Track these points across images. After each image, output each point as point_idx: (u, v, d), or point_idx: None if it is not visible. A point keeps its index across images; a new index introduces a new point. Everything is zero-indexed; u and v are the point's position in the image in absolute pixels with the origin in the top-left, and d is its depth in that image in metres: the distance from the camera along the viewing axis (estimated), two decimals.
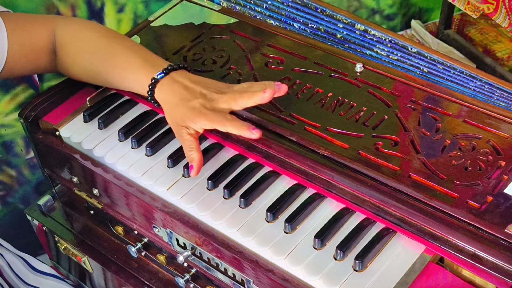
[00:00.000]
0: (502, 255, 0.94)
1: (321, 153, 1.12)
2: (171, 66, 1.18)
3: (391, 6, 2.19)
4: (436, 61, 1.29)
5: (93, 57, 1.24)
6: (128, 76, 1.21)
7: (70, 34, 1.26)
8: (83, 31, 1.27)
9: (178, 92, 1.14)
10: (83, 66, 1.26)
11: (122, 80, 1.23)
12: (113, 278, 1.35)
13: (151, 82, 1.16)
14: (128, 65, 1.21)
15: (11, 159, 1.57)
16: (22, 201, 1.63)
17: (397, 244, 1.02)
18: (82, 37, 1.26)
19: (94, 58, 1.24)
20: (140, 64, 1.20)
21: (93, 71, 1.25)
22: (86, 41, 1.25)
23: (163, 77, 1.16)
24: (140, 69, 1.19)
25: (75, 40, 1.25)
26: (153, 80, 1.16)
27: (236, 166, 1.16)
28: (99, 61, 1.24)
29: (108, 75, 1.24)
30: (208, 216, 1.10)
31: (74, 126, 1.29)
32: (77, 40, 1.26)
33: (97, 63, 1.24)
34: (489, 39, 2.13)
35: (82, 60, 1.25)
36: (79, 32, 1.27)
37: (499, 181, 1.04)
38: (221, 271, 1.12)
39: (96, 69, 1.24)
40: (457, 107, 1.18)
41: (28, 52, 1.23)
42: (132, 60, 1.21)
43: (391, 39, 1.34)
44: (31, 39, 1.23)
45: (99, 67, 1.24)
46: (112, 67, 1.23)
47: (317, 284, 0.99)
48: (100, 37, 1.25)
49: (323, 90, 1.24)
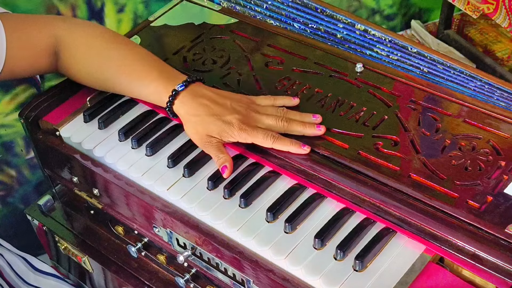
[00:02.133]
0: (502, 255, 0.94)
1: (321, 153, 1.12)
2: (190, 78, 1.18)
3: (391, 6, 2.20)
4: (436, 61, 1.29)
5: (102, 64, 1.23)
6: (143, 86, 1.20)
7: (76, 38, 1.25)
8: (90, 35, 1.25)
9: (204, 104, 1.15)
10: (89, 72, 1.25)
11: (135, 90, 1.22)
12: (113, 278, 1.35)
13: (172, 94, 1.16)
14: (144, 76, 1.20)
15: (11, 159, 1.57)
16: (22, 201, 1.63)
17: (397, 244, 1.02)
18: (90, 42, 1.25)
19: (103, 65, 1.23)
20: (157, 75, 1.19)
21: (100, 78, 1.25)
22: (94, 47, 1.24)
23: (184, 89, 1.17)
24: (157, 80, 1.19)
25: (81, 45, 1.24)
26: (174, 92, 1.16)
27: (236, 166, 1.16)
28: (108, 68, 1.23)
29: (119, 83, 1.23)
30: (208, 216, 1.10)
31: (74, 126, 1.29)
32: (84, 45, 1.25)
33: (106, 70, 1.23)
34: (489, 39, 2.13)
35: (90, 66, 1.24)
36: (86, 37, 1.25)
37: (499, 181, 1.04)
38: (221, 271, 1.12)
39: (104, 76, 1.24)
40: (457, 107, 1.18)
41: (28, 54, 1.22)
42: (148, 70, 1.20)
43: (391, 39, 1.34)
44: (31, 40, 1.22)
45: (108, 74, 1.23)
46: (125, 75, 1.22)
47: (317, 284, 0.99)
48: (109, 43, 1.24)
49: (323, 90, 1.24)
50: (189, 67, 1.33)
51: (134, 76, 1.21)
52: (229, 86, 1.27)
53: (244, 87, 1.27)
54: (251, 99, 1.19)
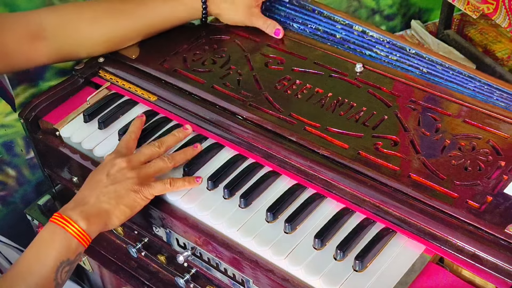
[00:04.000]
0: (502, 255, 0.94)
1: (321, 153, 1.12)
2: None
3: (391, 6, 2.19)
4: (435, 62, 1.29)
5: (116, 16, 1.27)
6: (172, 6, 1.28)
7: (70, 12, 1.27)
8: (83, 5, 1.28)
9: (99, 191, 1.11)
10: (103, 32, 1.28)
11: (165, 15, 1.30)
12: (113, 278, 1.35)
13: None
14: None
15: (11, 159, 1.57)
16: (22, 201, 1.63)
17: (397, 244, 1.02)
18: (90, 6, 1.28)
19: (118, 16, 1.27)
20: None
21: (119, 31, 1.29)
22: (99, 8, 1.28)
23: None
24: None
25: (82, 13, 1.27)
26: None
27: (236, 166, 1.16)
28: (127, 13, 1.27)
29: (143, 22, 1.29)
30: (208, 216, 1.10)
31: (74, 126, 1.29)
32: (85, 12, 1.27)
33: (125, 16, 1.27)
34: (489, 39, 2.13)
35: (103, 25, 1.27)
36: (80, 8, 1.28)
37: (499, 181, 1.04)
38: (221, 271, 1.12)
39: (123, 25, 1.28)
40: (457, 107, 1.18)
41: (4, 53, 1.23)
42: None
43: (389, 41, 1.34)
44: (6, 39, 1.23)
45: (129, 20, 1.28)
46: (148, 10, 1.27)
47: (317, 284, 0.99)
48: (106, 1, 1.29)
49: (323, 90, 1.24)
50: (189, 67, 1.33)
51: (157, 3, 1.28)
52: (229, 86, 1.27)
53: (244, 87, 1.27)
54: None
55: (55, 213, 1.08)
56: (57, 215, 1.07)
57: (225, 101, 1.24)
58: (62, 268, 1.05)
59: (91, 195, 1.09)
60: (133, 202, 1.10)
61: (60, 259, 1.05)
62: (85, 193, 1.10)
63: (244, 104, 1.23)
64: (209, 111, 1.23)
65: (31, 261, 1.04)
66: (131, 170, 1.11)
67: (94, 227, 1.07)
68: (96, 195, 1.09)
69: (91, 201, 1.08)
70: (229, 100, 1.24)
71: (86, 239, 1.07)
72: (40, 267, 1.03)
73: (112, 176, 1.10)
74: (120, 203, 1.09)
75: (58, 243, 1.04)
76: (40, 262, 1.03)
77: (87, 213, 1.06)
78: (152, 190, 1.11)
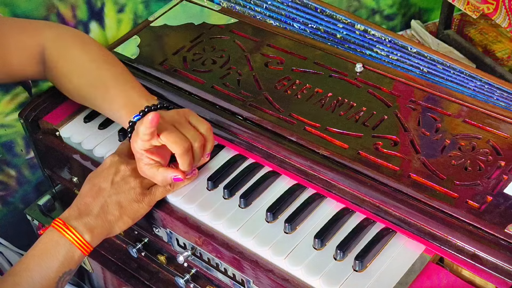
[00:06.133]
0: (502, 255, 0.94)
1: (321, 153, 1.12)
2: (148, 108, 1.10)
3: (391, 6, 2.19)
4: (436, 61, 1.29)
5: (81, 82, 1.19)
6: (113, 112, 1.16)
7: (59, 52, 1.21)
8: (71, 50, 1.21)
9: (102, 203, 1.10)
10: (70, 88, 1.22)
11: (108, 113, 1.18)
12: (113, 278, 1.35)
13: (129, 125, 1.10)
14: (114, 101, 1.15)
15: (11, 159, 1.57)
16: (22, 201, 1.63)
17: (397, 244, 1.02)
18: (71, 57, 1.20)
19: (82, 84, 1.19)
20: (124, 103, 1.13)
21: (79, 95, 1.22)
22: (74, 63, 1.20)
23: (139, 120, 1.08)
24: (124, 108, 1.13)
25: (63, 60, 1.21)
26: (130, 123, 1.10)
27: (236, 166, 1.16)
28: (86, 87, 1.19)
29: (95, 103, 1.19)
30: (208, 216, 1.10)
31: (74, 126, 1.29)
32: (65, 60, 1.21)
33: (84, 88, 1.19)
34: (489, 39, 2.13)
35: (70, 82, 1.21)
36: (67, 51, 1.21)
37: (499, 181, 1.04)
38: (221, 271, 1.12)
39: (82, 94, 1.20)
40: (457, 107, 1.18)
41: (17, 60, 1.21)
42: (118, 95, 1.15)
43: (390, 39, 1.34)
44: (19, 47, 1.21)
45: (85, 93, 1.19)
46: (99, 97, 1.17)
47: (317, 284, 0.99)
48: (90, 61, 1.19)
49: (323, 90, 1.24)
50: (189, 67, 1.33)
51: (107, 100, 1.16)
52: (229, 86, 1.27)
53: (244, 87, 1.27)
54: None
55: (58, 218, 1.08)
56: (60, 223, 1.07)
57: (225, 101, 1.24)
58: (64, 278, 1.07)
59: (94, 204, 1.09)
60: (135, 212, 1.11)
61: (63, 271, 1.06)
62: (88, 200, 1.09)
63: (244, 104, 1.23)
64: (209, 111, 1.23)
65: (33, 273, 1.04)
66: (135, 179, 1.11)
67: (97, 239, 1.09)
68: (100, 205, 1.09)
69: (94, 211, 1.08)
70: (229, 100, 1.24)
71: (89, 250, 1.08)
72: (42, 279, 1.04)
73: (116, 184, 1.10)
74: (123, 214, 1.10)
75: (62, 255, 1.05)
76: (42, 273, 1.04)
77: (91, 226, 1.07)
78: (155, 197, 1.12)
